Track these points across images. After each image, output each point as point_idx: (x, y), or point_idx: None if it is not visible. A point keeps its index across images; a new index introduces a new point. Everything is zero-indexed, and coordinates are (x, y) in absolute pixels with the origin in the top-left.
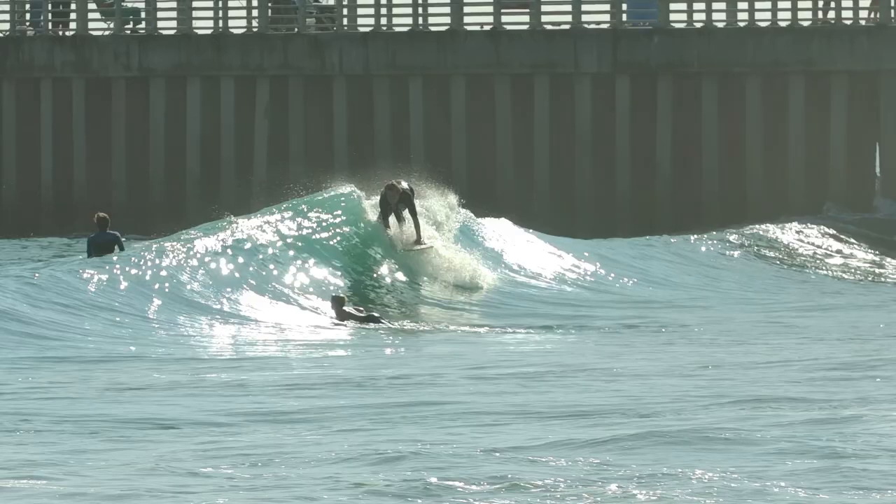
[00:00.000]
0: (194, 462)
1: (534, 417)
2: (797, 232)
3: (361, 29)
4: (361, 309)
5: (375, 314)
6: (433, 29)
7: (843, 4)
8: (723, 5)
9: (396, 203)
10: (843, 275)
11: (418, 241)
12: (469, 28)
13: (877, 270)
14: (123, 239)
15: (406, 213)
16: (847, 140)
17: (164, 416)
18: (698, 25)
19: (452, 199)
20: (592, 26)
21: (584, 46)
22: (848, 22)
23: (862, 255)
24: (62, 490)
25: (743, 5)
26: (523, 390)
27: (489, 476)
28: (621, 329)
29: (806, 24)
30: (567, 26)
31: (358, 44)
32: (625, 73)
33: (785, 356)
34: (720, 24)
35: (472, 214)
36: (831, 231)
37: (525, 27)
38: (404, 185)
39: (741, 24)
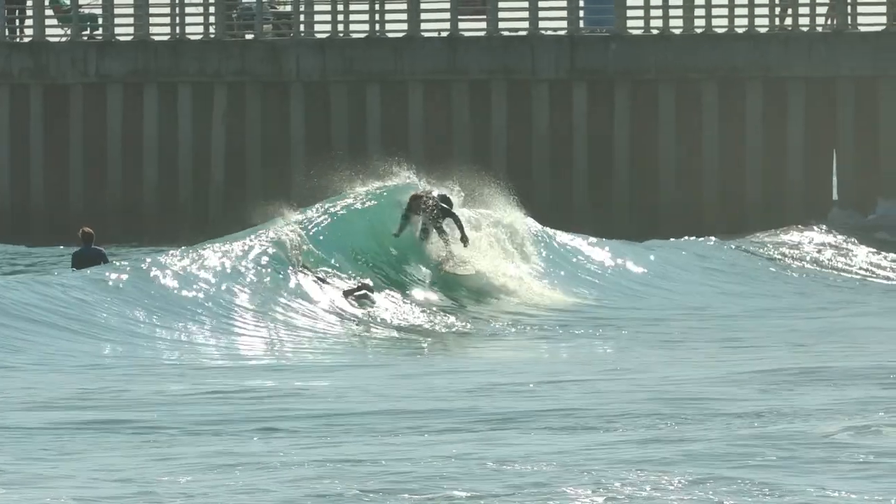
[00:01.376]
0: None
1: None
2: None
3: (318, 35)
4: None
5: (368, 282)
6: (390, 35)
7: (800, 11)
8: (679, 12)
9: (432, 215)
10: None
11: (460, 250)
12: (426, 34)
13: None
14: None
15: (447, 226)
16: (804, 146)
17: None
18: (655, 32)
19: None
20: (549, 33)
21: (541, 53)
22: (805, 28)
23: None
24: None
25: (700, 12)
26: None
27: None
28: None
29: (763, 30)
30: (524, 33)
31: (315, 50)
32: (582, 80)
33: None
34: (677, 31)
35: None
36: (829, 238)
37: (482, 33)
38: (436, 192)
39: (698, 31)
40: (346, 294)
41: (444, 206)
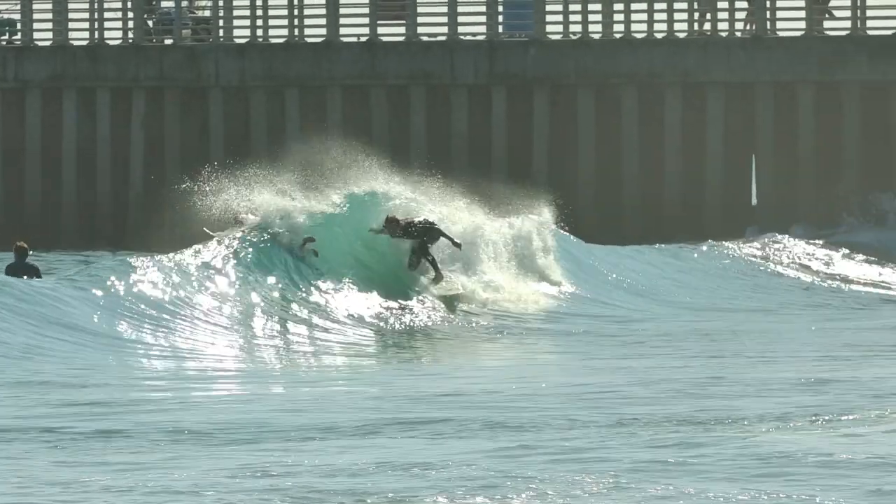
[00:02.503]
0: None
1: None
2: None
3: (237, 40)
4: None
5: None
6: (309, 40)
7: (719, 16)
8: (599, 17)
9: (417, 237)
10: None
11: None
12: (345, 39)
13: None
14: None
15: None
16: (723, 151)
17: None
18: (574, 37)
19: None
20: (468, 38)
21: (461, 58)
22: (724, 34)
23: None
24: None
25: (619, 17)
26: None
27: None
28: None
29: (682, 35)
30: (443, 38)
31: (234, 55)
32: (501, 85)
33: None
34: (596, 36)
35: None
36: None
37: (401, 38)
38: (420, 218)
39: (617, 36)
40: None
41: (424, 227)
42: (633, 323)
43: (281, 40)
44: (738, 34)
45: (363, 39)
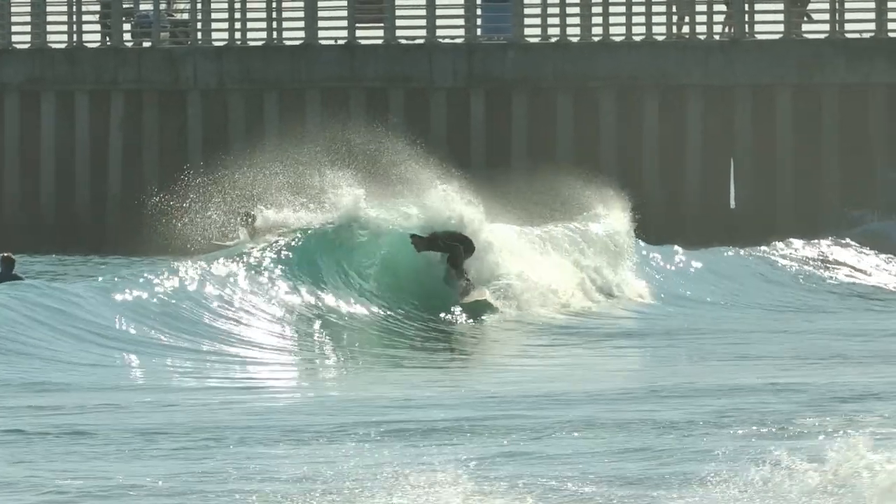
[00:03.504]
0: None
1: None
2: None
3: (216, 43)
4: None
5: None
6: (287, 43)
7: (697, 19)
8: (577, 20)
9: (444, 251)
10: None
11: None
12: (323, 42)
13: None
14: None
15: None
16: (702, 154)
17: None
18: (553, 40)
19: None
20: (447, 41)
21: (439, 61)
22: (702, 37)
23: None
24: None
25: (597, 20)
26: None
27: None
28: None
29: (660, 38)
30: (422, 41)
31: (212, 58)
32: (479, 87)
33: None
34: (574, 39)
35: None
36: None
37: (380, 41)
38: (446, 231)
39: (595, 39)
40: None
41: (449, 243)
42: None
43: (259, 43)
44: (717, 37)
45: (341, 42)
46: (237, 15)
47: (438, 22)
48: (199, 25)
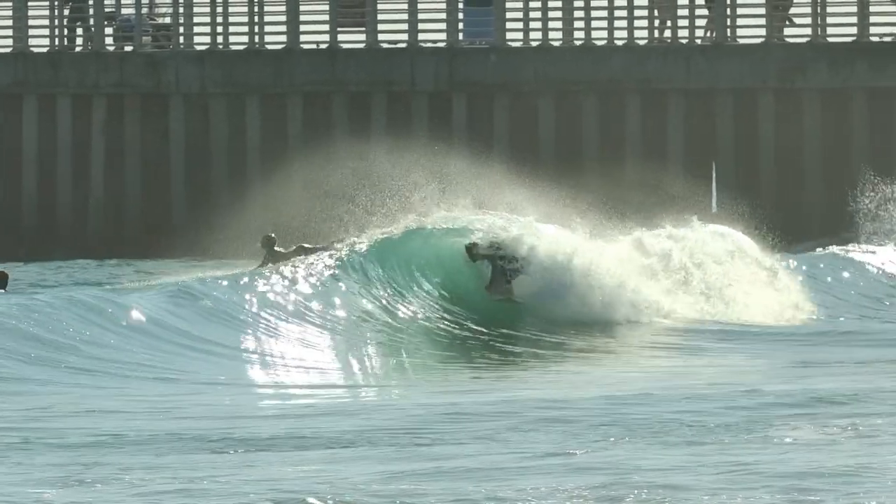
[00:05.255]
0: None
1: None
2: None
3: (198, 47)
4: (292, 247)
5: (306, 245)
6: (270, 47)
7: (679, 23)
8: (559, 24)
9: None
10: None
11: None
12: (305, 46)
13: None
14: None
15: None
16: (684, 158)
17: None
18: (535, 44)
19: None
20: (429, 45)
21: (421, 64)
22: (684, 41)
23: None
24: None
25: (579, 24)
26: None
27: None
28: None
29: (642, 42)
30: (403, 45)
31: (194, 62)
32: (461, 91)
33: None
34: (556, 43)
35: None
36: None
37: (362, 45)
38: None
39: (577, 43)
40: (280, 256)
41: (493, 254)
42: None
43: (241, 47)
44: (699, 41)
45: (323, 46)
46: (219, 19)
47: (420, 26)
48: (181, 30)
